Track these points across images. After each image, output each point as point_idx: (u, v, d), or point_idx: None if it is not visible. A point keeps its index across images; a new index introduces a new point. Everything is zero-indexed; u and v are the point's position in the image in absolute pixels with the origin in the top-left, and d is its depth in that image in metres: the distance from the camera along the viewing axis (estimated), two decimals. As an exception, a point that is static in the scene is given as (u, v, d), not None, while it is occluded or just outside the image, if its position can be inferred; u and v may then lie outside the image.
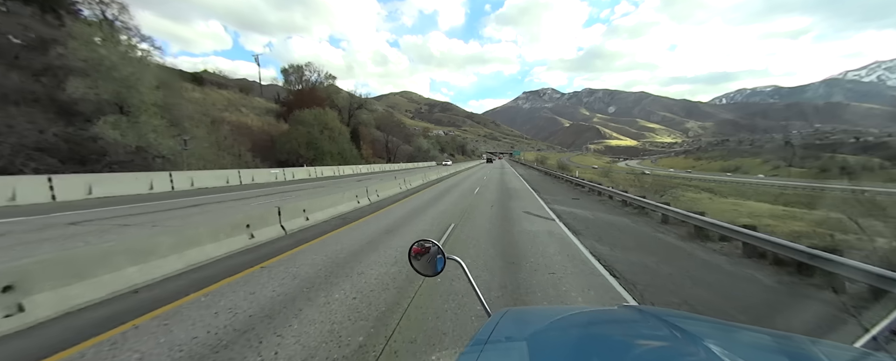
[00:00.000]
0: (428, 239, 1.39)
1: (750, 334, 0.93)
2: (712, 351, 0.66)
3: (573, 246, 5.73)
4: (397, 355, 2.40)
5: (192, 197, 11.38)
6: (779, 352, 0.79)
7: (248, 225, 5.23)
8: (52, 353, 2.37)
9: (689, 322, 0.94)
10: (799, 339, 0.81)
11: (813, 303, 3.61)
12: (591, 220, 8.63)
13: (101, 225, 6.54)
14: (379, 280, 3.90)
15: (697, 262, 5.07)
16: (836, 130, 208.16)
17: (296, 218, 6.45)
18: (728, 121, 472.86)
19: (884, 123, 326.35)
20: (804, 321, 3.24)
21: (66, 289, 3.00)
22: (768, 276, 4.44)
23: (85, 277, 3.16)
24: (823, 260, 3.90)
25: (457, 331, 2.73)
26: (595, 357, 0.75)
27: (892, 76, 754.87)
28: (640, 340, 0.89)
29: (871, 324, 0.87)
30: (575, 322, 1.07)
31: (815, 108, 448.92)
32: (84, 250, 3.36)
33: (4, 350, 2.43)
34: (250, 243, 5.13)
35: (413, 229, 6.87)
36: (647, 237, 6.86)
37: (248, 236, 5.18)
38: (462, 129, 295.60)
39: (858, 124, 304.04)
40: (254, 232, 5.30)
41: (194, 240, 4.33)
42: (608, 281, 4.13)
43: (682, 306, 3.45)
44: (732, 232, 5.59)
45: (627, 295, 3.68)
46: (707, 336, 0.76)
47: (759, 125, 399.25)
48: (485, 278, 4.04)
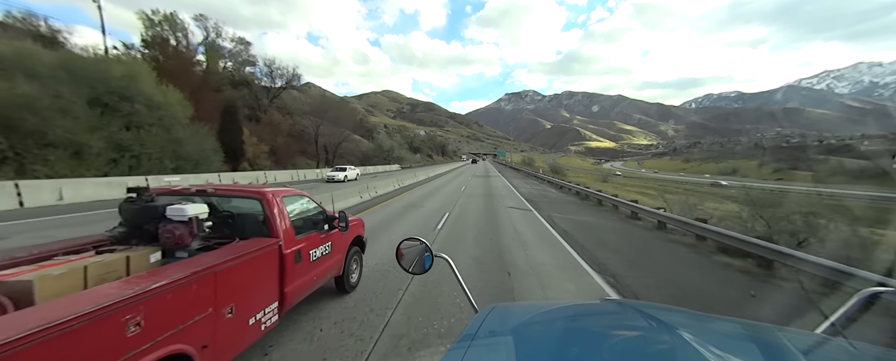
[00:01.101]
0: (416, 237, 1.40)
1: (721, 323, 1.00)
2: (684, 339, 0.71)
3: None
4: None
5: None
6: (746, 338, 0.87)
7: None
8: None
9: (665, 314, 1.00)
10: (765, 327, 0.89)
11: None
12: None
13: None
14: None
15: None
16: (795, 134, 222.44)
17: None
18: (698, 124, 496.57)
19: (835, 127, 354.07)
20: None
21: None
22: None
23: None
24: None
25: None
26: (577, 348, 0.80)
27: (838, 84, 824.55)
28: (620, 331, 0.94)
29: (831, 312, 0.94)
30: (558, 316, 1.12)
31: (776, 113, 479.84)
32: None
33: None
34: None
35: None
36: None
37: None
38: (445, 130, 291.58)
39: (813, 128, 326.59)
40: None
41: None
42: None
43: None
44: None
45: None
46: (681, 326, 0.81)
47: (727, 128, 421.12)
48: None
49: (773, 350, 0.76)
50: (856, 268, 3.69)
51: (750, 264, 5.38)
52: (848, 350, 0.77)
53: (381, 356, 2.56)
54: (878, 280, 3.42)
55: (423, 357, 2.47)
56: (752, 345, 0.78)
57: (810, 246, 5.59)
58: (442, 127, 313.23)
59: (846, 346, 0.77)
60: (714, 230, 6.30)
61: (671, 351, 0.71)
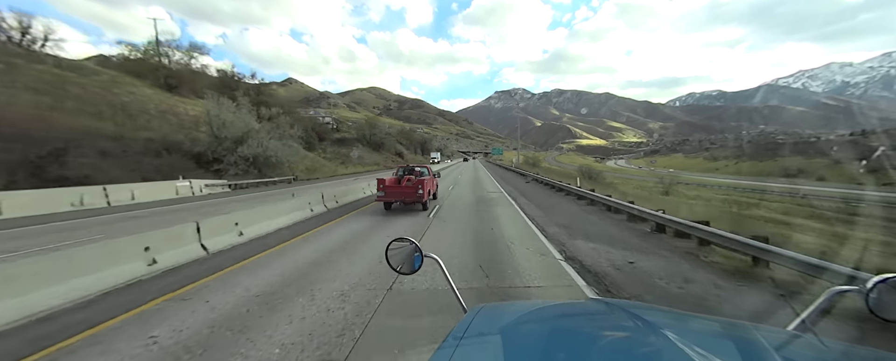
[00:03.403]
0: (405, 237, 1.41)
1: (701, 322, 1.05)
2: (668, 338, 0.73)
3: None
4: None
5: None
6: (725, 336, 0.91)
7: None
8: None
9: (649, 313, 1.01)
10: (742, 325, 0.94)
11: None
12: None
13: None
14: None
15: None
16: (778, 131, 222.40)
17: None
18: (685, 122, 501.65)
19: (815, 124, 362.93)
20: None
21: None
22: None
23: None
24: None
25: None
26: (564, 347, 0.80)
27: (813, 83, 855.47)
28: (606, 330, 0.95)
29: (802, 309, 0.96)
30: (546, 316, 1.12)
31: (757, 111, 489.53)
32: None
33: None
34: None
35: None
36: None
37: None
38: (433, 127, 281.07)
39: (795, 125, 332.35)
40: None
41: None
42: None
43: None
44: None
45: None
46: (665, 326, 0.84)
47: (711, 126, 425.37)
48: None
49: (749, 347, 0.79)
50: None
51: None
52: (817, 347, 0.81)
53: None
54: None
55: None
56: (731, 343, 0.81)
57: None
58: (430, 124, 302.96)
59: (816, 343, 0.81)
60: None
61: (657, 351, 0.74)
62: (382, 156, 55.60)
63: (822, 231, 10.90)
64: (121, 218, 9.92)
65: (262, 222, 7.36)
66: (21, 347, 2.90)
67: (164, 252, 4.95)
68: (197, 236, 5.65)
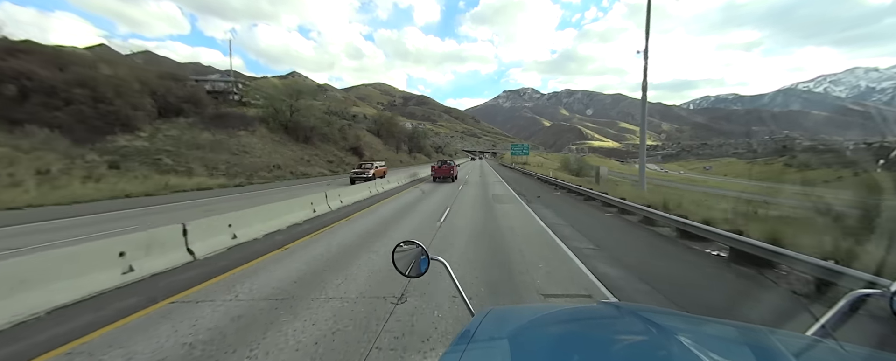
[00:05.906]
0: (412, 241, 1.39)
1: (716, 326, 1.01)
2: (683, 344, 0.71)
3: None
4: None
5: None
6: (740, 342, 0.88)
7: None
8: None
9: (662, 317, 0.99)
10: (759, 329, 0.90)
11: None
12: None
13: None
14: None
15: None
16: (803, 137, 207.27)
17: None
18: (700, 124, 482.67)
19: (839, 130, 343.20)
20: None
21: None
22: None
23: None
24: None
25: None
26: (574, 352, 0.78)
27: (836, 88, 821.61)
28: (618, 335, 0.93)
29: (820, 314, 0.94)
30: (555, 320, 1.11)
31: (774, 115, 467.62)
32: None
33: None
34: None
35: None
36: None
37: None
38: (438, 125, 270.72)
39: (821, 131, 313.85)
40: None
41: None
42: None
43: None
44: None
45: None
46: (679, 331, 0.82)
47: (729, 130, 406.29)
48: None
49: (766, 353, 0.77)
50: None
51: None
52: (838, 352, 0.79)
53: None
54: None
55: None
56: (747, 349, 0.79)
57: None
58: (435, 121, 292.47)
59: (836, 348, 0.79)
60: None
61: (670, 357, 0.72)
62: (308, 150, 30.47)
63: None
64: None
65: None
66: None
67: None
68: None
